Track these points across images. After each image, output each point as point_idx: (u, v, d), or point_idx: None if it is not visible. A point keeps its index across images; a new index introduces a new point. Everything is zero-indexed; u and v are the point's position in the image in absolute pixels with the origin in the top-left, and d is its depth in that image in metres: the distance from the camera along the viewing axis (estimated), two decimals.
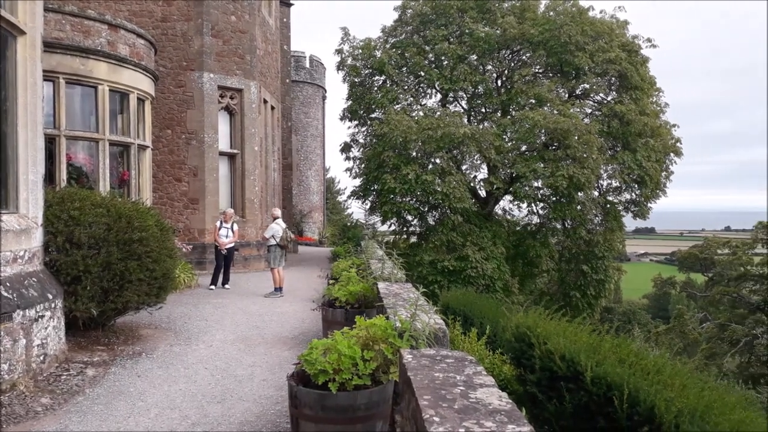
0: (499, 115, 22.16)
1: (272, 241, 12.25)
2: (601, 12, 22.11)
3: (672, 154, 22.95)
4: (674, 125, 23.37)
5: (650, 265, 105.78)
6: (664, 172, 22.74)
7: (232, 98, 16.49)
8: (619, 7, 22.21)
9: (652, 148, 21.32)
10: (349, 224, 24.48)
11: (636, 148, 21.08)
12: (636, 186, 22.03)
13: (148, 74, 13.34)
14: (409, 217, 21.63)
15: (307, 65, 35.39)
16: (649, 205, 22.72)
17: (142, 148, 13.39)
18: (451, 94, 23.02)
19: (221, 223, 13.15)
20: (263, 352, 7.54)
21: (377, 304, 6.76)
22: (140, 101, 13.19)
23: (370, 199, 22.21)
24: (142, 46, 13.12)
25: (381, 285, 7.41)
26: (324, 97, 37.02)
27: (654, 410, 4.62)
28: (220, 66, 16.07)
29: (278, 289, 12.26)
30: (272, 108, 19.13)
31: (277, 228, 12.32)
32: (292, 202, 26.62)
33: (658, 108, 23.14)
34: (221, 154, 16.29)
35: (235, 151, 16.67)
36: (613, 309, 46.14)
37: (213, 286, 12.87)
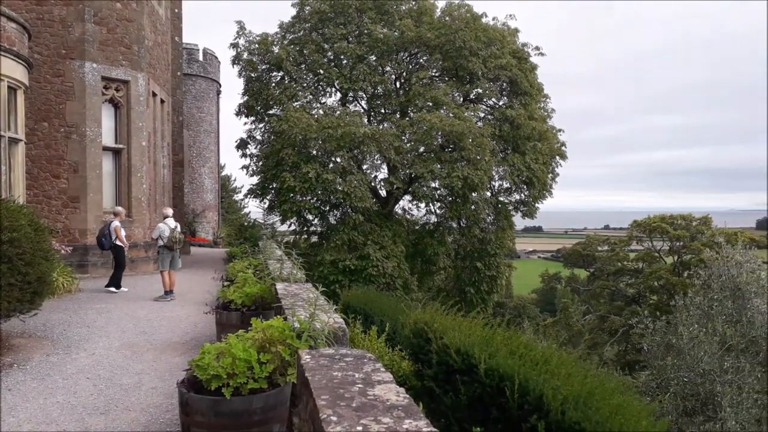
0: (398, 116, 22.48)
1: (160, 242, 11.72)
2: (493, 19, 23.07)
3: (558, 157, 24.44)
4: (560, 130, 24.93)
5: (538, 262, 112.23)
6: (551, 174, 24.17)
7: (117, 90, 15.48)
8: (510, 15, 23.32)
9: (539, 151, 22.56)
10: (246, 224, 23.76)
11: (525, 151, 22.22)
12: (525, 187, 23.22)
13: (20, 61, 12.18)
14: (310, 217, 21.40)
15: (201, 58, 34.01)
16: (536, 205, 24.02)
17: (13, 141, 12.21)
18: (350, 94, 23.03)
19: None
20: (152, 359, 7.13)
21: (275, 306, 6.59)
22: (11, 90, 12.03)
23: (268, 197, 21.72)
24: (14, 30, 11.96)
25: (279, 286, 7.23)
26: (219, 92, 35.74)
27: (542, 398, 4.82)
28: (104, 56, 15.02)
29: (168, 293, 11.73)
30: (162, 101, 18.18)
31: (164, 228, 11.73)
32: (184, 201, 25.46)
33: (546, 113, 24.56)
34: (105, 149, 15.26)
35: (121, 146, 15.66)
36: (504, 304, 48.37)
37: (118, 288, 12.45)
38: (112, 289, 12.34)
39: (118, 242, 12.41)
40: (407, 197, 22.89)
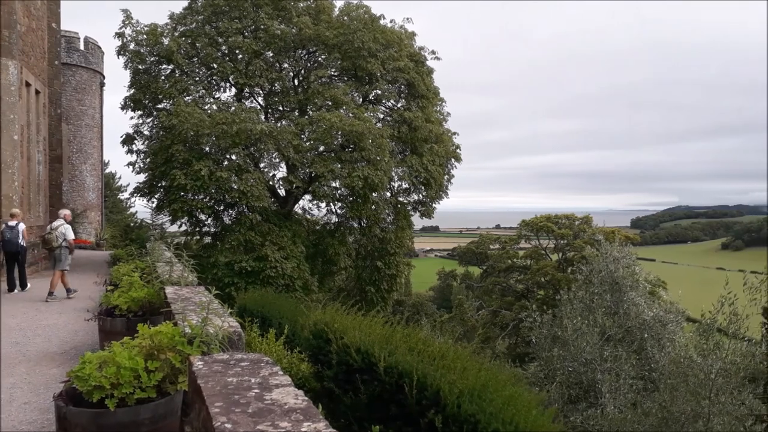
0: (297, 114, 22.18)
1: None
2: (391, 21, 23.36)
3: (453, 159, 25.23)
4: (455, 133, 25.76)
5: (435, 260, 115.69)
6: (447, 176, 24.92)
7: None
8: (408, 19, 23.75)
9: (436, 153, 23.18)
10: (132, 224, 22.44)
11: (423, 152, 22.75)
12: (423, 188, 23.77)
13: None
14: (203, 217, 20.65)
15: (82, 47, 31.58)
16: (434, 205, 24.73)
17: None
18: (246, 90, 22.40)
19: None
20: (25, 371, 6.52)
21: (164, 311, 6.23)
22: None
23: (157, 196, 20.64)
24: None
25: (169, 289, 6.85)
26: (102, 84, 33.40)
27: (440, 393, 4.93)
28: None
29: (50, 294, 11.46)
30: (37, 92, 16.74)
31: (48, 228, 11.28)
32: (63, 200, 23.52)
33: (442, 117, 25.29)
34: None
35: None
36: (404, 301, 49.34)
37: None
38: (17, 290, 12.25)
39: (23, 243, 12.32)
40: (307, 197, 22.71)
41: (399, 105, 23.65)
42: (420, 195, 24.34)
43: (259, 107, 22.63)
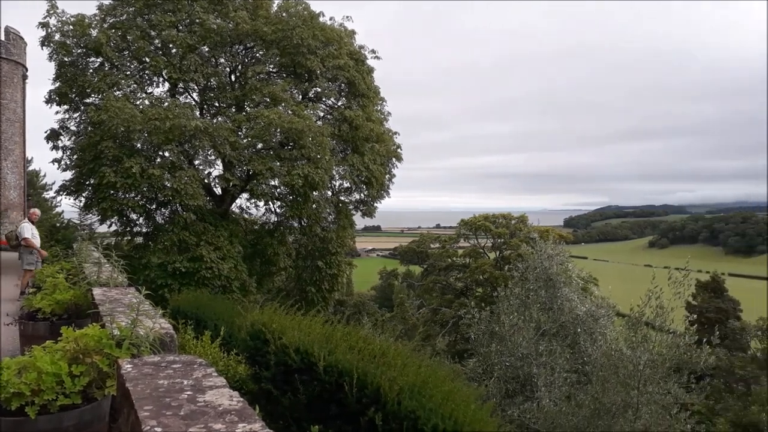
0: (234, 110, 21.68)
1: None
2: (330, 19, 23.17)
3: (394, 159, 25.35)
4: (396, 133, 25.90)
5: (377, 260, 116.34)
6: (388, 175, 25.01)
7: None
8: (347, 17, 23.65)
9: (377, 153, 23.22)
10: (58, 224, 21.36)
11: (364, 151, 22.73)
12: (364, 187, 23.76)
13: None
14: (134, 216, 20.01)
15: (2, 37, 29.73)
16: (375, 204, 24.78)
17: None
18: (181, 85, 21.72)
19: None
20: None
21: (92, 312, 5.94)
22: None
23: (84, 195, 19.75)
24: None
25: (97, 291, 6.55)
26: (25, 77, 31.52)
27: (380, 391, 4.94)
28: None
29: (23, 293, 11.06)
30: None
31: None
32: None
33: (383, 116, 25.36)
34: None
35: None
36: (345, 302, 49.26)
37: None
38: None
39: None
40: (245, 195, 22.28)
41: (339, 103, 23.55)
42: (362, 194, 24.33)
43: (194, 103, 21.99)
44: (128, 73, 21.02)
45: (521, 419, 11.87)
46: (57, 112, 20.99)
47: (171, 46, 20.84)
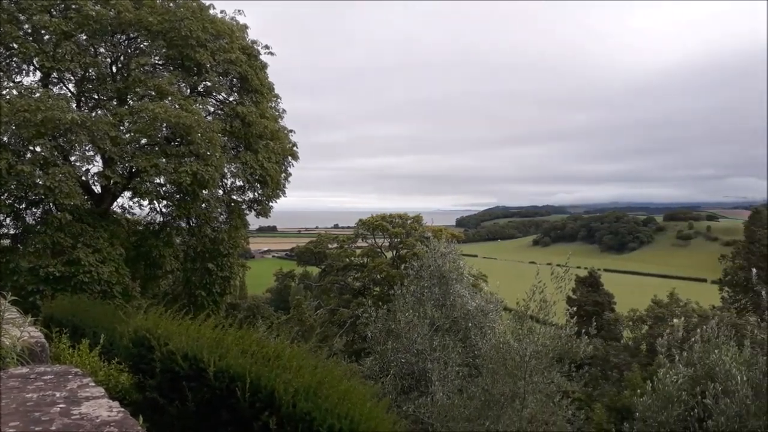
0: (115, 103, 20.25)
1: None
2: (221, 12, 22.36)
3: (290, 158, 24.95)
4: (291, 131, 25.51)
5: (273, 261, 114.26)
6: (284, 174, 24.55)
7: None
8: (239, 11, 22.91)
9: (272, 150, 22.71)
10: None
11: (258, 149, 22.14)
12: (258, 186, 23.17)
13: None
14: (1, 216, 18.08)
15: None
16: (270, 204, 24.18)
17: None
18: (55, 74, 19.94)
19: None
20: None
21: None
22: None
23: None
24: None
25: None
26: None
27: (274, 394, 4.85)
28: None
29: None
30: None
31: None
32: None
33: (277, 113, 24.86)
34: None
35: None
36: (238, 305, 47.85)
37: None
38: None
39: None
40: (127, 194, 20.98)
41: (231, 99, 22.76)
42: (256, 193, 23.70)
43: (70, 94, 20.29)
44: None
45: (416, 414, 12.10)
46: None
47: (43, 32, 19.03)
